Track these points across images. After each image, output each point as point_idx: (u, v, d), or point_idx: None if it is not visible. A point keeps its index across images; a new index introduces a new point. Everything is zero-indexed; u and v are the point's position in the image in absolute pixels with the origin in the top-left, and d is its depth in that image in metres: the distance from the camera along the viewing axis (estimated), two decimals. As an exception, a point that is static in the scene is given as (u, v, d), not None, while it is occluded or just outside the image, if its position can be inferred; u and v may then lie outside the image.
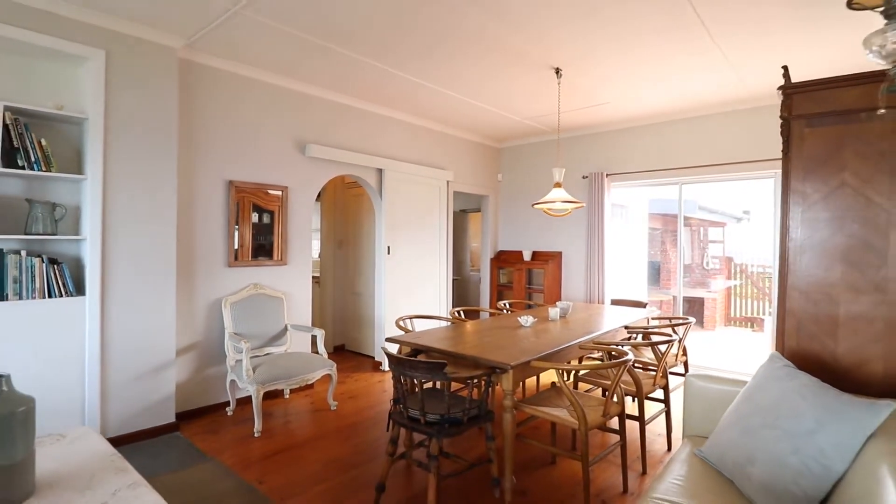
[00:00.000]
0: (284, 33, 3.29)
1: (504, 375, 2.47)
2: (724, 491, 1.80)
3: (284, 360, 3.68)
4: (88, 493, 1.15)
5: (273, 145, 4.19)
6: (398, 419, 2.46)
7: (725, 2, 2.82)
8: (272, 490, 2.63)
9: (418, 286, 5.57)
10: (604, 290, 5.66)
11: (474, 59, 3.73)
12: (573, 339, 3.05)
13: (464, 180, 6.34)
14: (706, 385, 2.32)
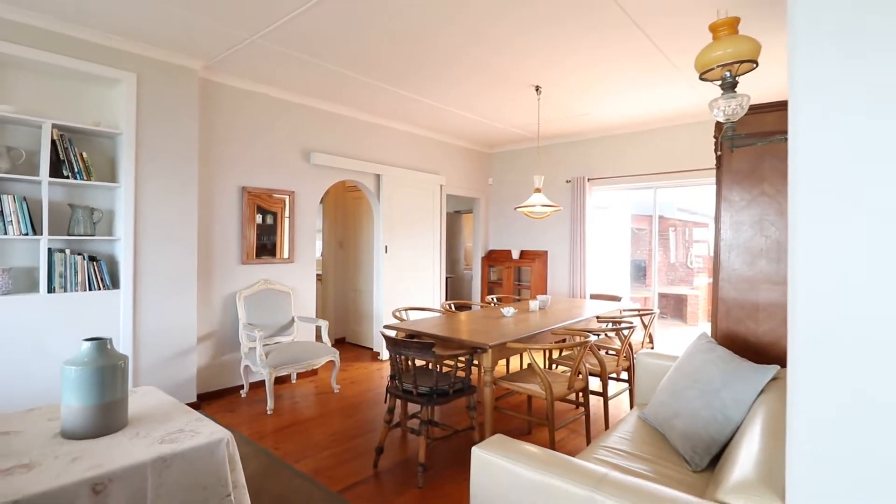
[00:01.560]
0: (294, 58, 3.72)
1: (484, 354, 2.92)
2: (656, 441, 2.24)
3: (293, 348, 4.11)
4: (168, 423, 1.58)
5: (282, 154, 4.63)
6: (394, 392, 2.90)
7: (676, 32, 3.26)
8: (286, 454, 3.06)
9: (414, 283, 6.01)
10: (585, 286, 6.11)
11: (465, 78, 4.17)
12: (546, 326, 3.50)
13: (456, 184, 6.78)
14: (652, 361, 2.77)
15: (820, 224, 0.95)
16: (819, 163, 0.95)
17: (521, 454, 1.42)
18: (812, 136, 0.96)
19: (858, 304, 0.90)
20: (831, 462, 0.94)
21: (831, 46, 0.94)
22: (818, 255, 0.95)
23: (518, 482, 1.37)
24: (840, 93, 0.93)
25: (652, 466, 2.00)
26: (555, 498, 1.29)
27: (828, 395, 0.94)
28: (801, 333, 0.98)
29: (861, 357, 0.90)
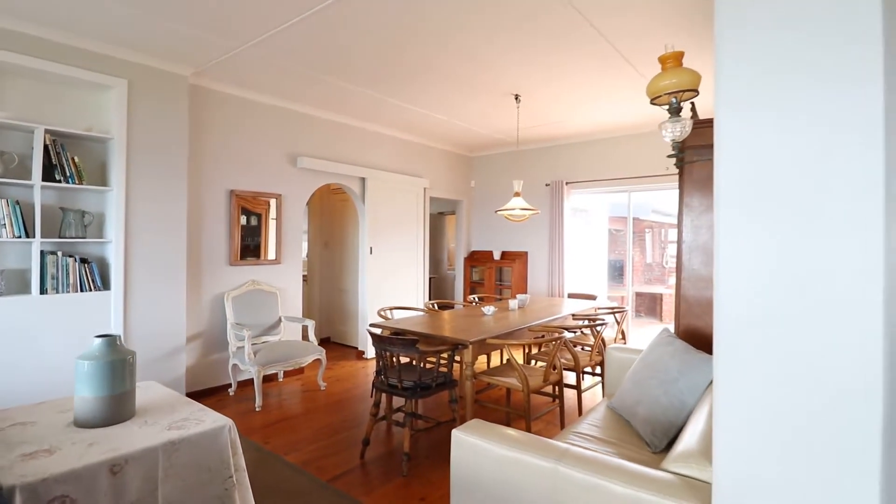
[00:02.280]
0: (282, 66, 3.86)
1: (465, 350, 3.10)
2: (621, 427, 2.45)
3: (280, 346, 4.24)
4: (174, 413, 1.72)
5: (269, 158, 4.74)
6: (380, 386, 3.07)
7: (645, 49, 3.49)
8: (276, 447, 3.20)
9: (398, 283, 6.16)
10: (563, 286, 6.35)
11: (449, 88, 4.35)
12: (524, 323, 3.70)
13: (440, 187, 6.96)
14: (621, 355, 2.98)
15: (734, 236, 1.15)
16: (732, 179, 1.16)
17: (495, 434, 1.61)
18: (726, 154, 1.16)
19: (763, 300, 1.11)
20: (747, 426, 1.14)
21: (743, 77, 1.14)
22: (733, 260, 1.15)
23: (492, 458, 1.56)
24: (747, 118, 1.13)
25: (616, 449, 2.21)
26: (524, 470, 1.48)
27: (741, 371, 1.14)
28: (722, 323, 1.18)
29: (768, 340, 1.11)
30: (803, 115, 1.07)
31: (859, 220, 1.02)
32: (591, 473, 1.37)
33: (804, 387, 1.06)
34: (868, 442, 1.00)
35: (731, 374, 1.16)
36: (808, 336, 1.06)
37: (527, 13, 2.97)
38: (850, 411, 1.01)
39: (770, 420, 1.11)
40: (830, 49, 1.04)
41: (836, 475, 1.02)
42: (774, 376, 1.10)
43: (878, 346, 1.00)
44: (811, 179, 1.07)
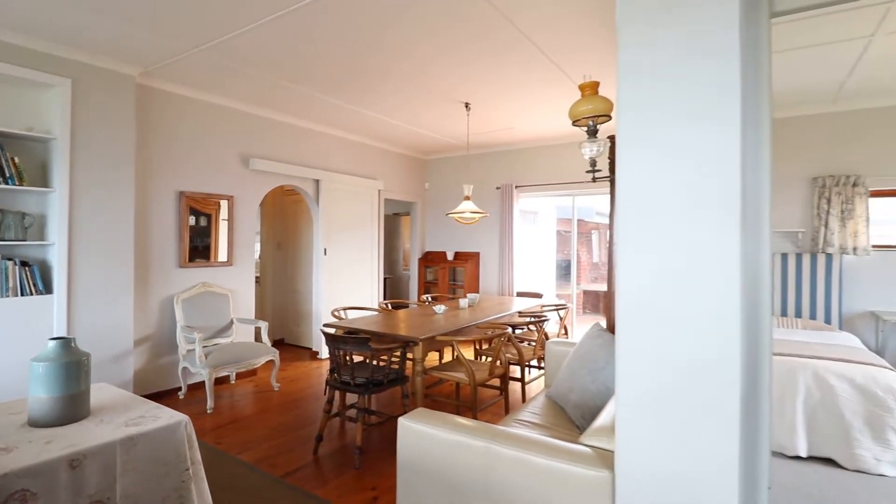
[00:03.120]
0: (235, 69, 3.88)
1: (415, 347, 3.27)
2: (557, 413, 2.69)
3: (232, 348, 4.25)
4: (130, 411, 1.79)
5: (221, 159, 4.72)
6: (333, 384, 3.18)
7: (583, 64, 3.78)
8: (230, 447, 3.25)
9: (352, 284, 6.25)
10: (513, 284, 6.64)
11: (404, 95, 4.50)
12: (473, 321, 3.91)
13: (394, 188, 7.09)
14: (559, 348, 3.24)
15: (628, 243, 1.38)
16: (627, 197, 1.39)
17: (437, 420, 1.78)
18: (623, 178, 1.39)
19: (648, 294, 1.34)
20: (638, 397, 1.37)
21: (635, 120, 1.37)
22: (628, 263, 1.38)
23: (434, 442, 1.73)
24: (638, 151, 1.37)
25: (550, 432, 2.44)
26: (462, 450, 1.66)
27: (633, 353, 1.37)
28: (620, 314, 1.41)
29: (651, 326, 1.34)
30: (679, 149, 1.31)
31: (722, 231, 1.27)
32: (518, 449, 1.57)
33: (679, 361, 1.31)
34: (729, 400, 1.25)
35: (625, 355, 1.40)
36: (682, 321, 1.30)
37: (476, 30, 3.17)
38: (716, 378, 1.26)
39: (654, 388, 1.34)
40: (702, 97, 1.29)
41: (706, 426, 1.27)
42: (655, 355, 1.34)
43: (735, 328, 1.25)
44: (686, 199, 1.31)
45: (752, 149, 1.36)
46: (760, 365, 1.34)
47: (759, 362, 1.34)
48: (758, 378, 1.34)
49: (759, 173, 1.35)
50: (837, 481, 2.82)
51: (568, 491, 1.47)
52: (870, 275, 4.63)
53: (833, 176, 4.71)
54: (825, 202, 4.72)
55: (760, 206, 1.34)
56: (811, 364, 3.16)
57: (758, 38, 1.35)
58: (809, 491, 2.72)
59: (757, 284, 1.34)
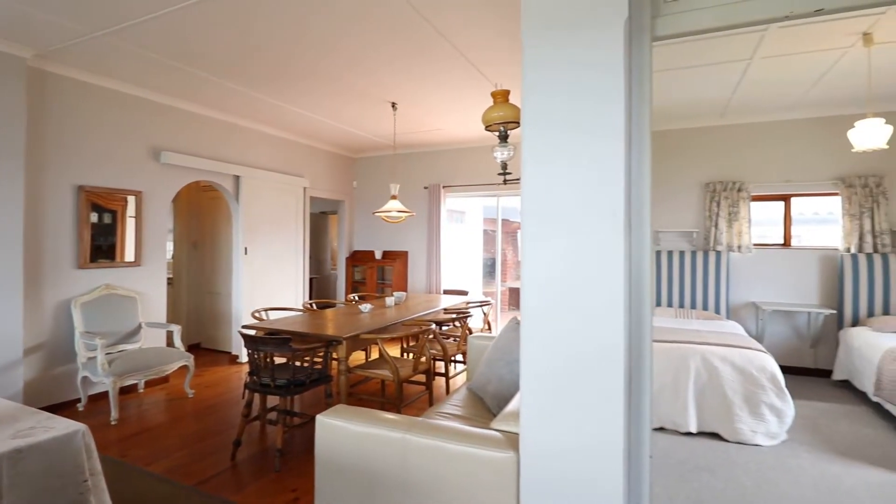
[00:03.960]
0: (144, 56, 3.64)
1: (339, 346, 3.26)
2: (476, 404, 2.81)
3: (140, 355, 3.98)
4: (18, 423, 1.64)
5: (127, 151, 4.39)
6: (252, 387, 3.09)
7: (502, 69, 3.95)
8: (137, 459, 3.05)
9: (276, 284, 6.05)
10: (440, 283, 6.76)
11: (329, 92, 4.44)
12: (399, 318, 3.96)
13: (321, 186, 6.95)
14: (479, 342, 3.38)
15: (531, 242, 1.51)
16: (531, 202, 1.51)
17: (355, 415, 1.81)
18: (527, 185, 1.51)
19: (546, 292, 1.47)
20: (538, 380, 1.49)
21: (540, 131, 1.49)
22: (530, 264, 1.51)
23: (352, 436, 1.76)
24: (539, 160, 1.49)
25: (469, 422, 2.54)
26: (378, 442, 1.71)
27: (534, 341, 1.50)
28: (524, 306, 1.53)
29: (550, 320, 1.47)
30: (573, 158, 1.45)
31: (609, 233, 1.42)
32: (432, 438, 1.64)
33: (572, 348, 1.44)
34: (615, 382, 1.40)
35: (527, 344, 1.51)
36: (575, 313, 1.44)
37: (395, 29, 3.22)
38: (604, 362, 1.41)
39: (552, 373, 1.47)
40: (592, 111, 1.43)
41: (595, 405, 1.42)
42: (553, 343, 1.47)
43: (620, 319, 1.40)
44: (578, 203, 1.45)
45: (636, 158, 1.53)
46: (643, 351, 1.51)
47: (641, 349, 1.51)
48: (640, 362, 1.51)
49: (641, 180, 1.53)
50: (721, 452, 3.19)
51: (479, 473, 1.56)
52: (751, 270, 5.25)
53: (722, 182, 5.28)
54: (715, 205, 5.28)
55: (642, 210, 1.51)
56: (700, 349, 3.54)
57: (641, 60, 1.52)
58: (697, 462, 3.05)
59: (640, 280, 1.51)
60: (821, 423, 3.70)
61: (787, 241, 5.33)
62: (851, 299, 4.72)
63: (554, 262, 1.48)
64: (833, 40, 3.30)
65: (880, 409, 3.89)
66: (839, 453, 3.14)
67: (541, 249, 1.50)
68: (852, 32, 3.16)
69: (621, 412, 1.40)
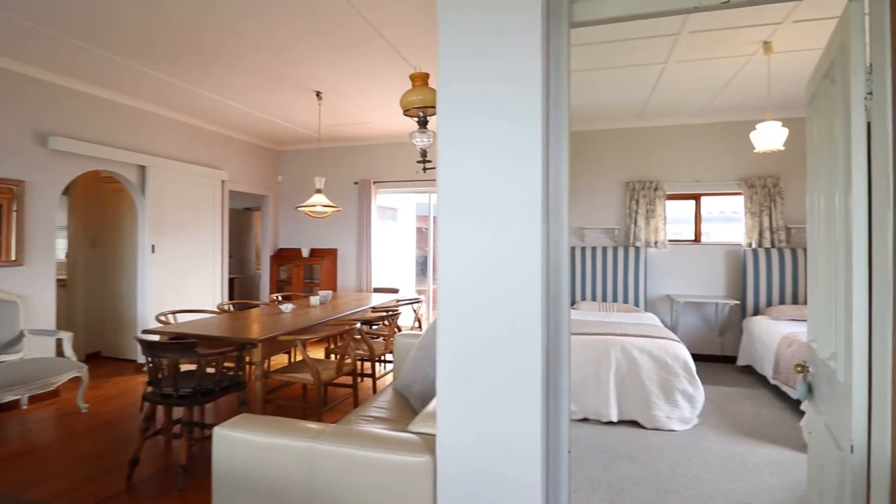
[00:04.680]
0: (29, 28, 3.17)
1: (254, 350, 3.02)
2: (402, 405, 2.70)
3: (20, 366, 3.49)
4: None
5: (5, 136, 3.83)
6: (153, 398, 2.78)
7: (420, 47, 3.86)
8: (13, 485, 2.64)
9: (189, 285, 5.59)
10: (371, 281, 6.58)
11: (245, 76, 4.13)
12: (323, 318, 3.76)
13: (242, 180, 6.52)
14: (405, 340, 3.27)
15: (444, 238, 1.42)
16: (445, 191, 1.42)
17: (258, 424, 1.64)
18: (443, 170, 1.43)
19: (463, 284, 1.39)
20: (455, 376, 1.41)
21: (457, 119, 1.41)
22: (447, 256, 1.42)
23: (254, 449, 1.59)
24: (455, 147, 1.41)
25: (392, 425, 2.43)
26: (284, 453, 1.55)
27: (451, 335, 1.41)
28: (441, 298, 1.44)
29: (468, 312, 1.39)
30: (490, 147, 1.38)
31: (528, 220, 1.36)
32: (343, 445, 1.51)
33: (487, 341, 1.38)
34: (533, 375, 1.34)
35: (443, 338, 1.43)
36: (493, 306, 1.37)
37: (318, 15, 3.03)
38: (521, 355, 1.35)
39: (468, 367, 1.39)
40: (508, 99, 1.37)
41: (513, 400, 1.35)
42: (469, 336, 1.40)
43: (537, 311, 1.35)
44: (495, 194, 1.38)
45: (554, 145, 1.49)
46: (560, 346, 1.47)
47: (559, 343, 1.47)
48: (558, 357, 1.47)
49: (559, 167, 1.49)
50: (640, 439, 3.31)
51: (393, 480, 1.45)
52: (666, 265, 5.55)
53: (640, 181, 5.54)
54: (634, 203, 5.53)
55: (560, 198, 1.47)
56: (621, 341, 3.65)
57: (559, 45, 1.48)
58: (618, 450, 3.13)
59: (557, 272, 1.47)
60: (727, 406, 3.95)
61: (697, 238, 5.69)
62: (753, 290, 5.11)
63: (470, 254, 1.41)
64: (737, 48, 3.52)
65: (778, 392, 4.24)
66: (744, 434, 3.36)
67: (457, 241, 1.42)
68: (754, 41, 3.38)
69: (538, 408, 1.35)
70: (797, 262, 5.00)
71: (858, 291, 1.30)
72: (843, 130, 1.40)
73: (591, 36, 3.37)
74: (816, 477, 1.75)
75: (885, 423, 1.21)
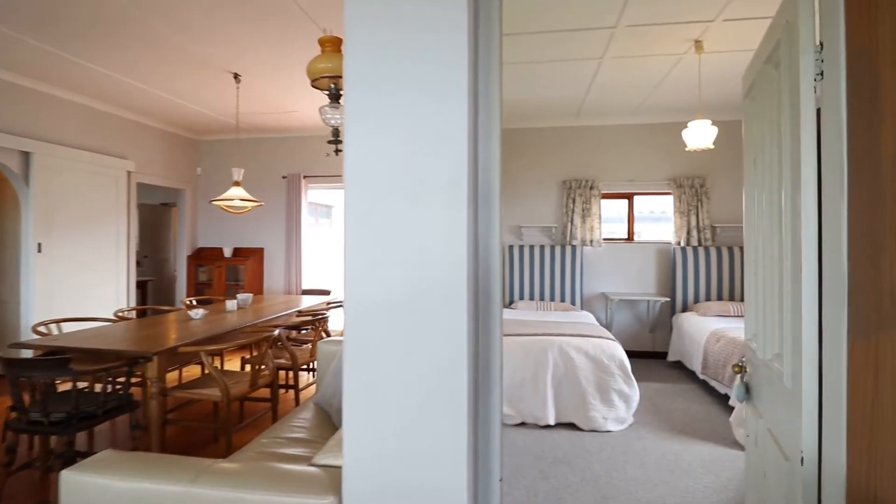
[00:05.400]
0: None
1: (148, 364, 2.60)
2: (323, 422, 2.41)
3: None
4: None
5: None
6: (16, 426, 2.31)
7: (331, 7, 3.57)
8: None
9: (86, 289, 4.93)
10: (300, 282, 6.16)
11: (153, 54, 3.62)
12: (240, 324, 3.37)
13: (154, 172, 5.87)
14: (329, 348, 2.97)
15: (357, 225, 1.17)
16: (355, 175, 1.18)
17: (121, 464, 1.31)
18: (351, 152, 1.18)
19: (381, 283, 1.16)
20: (367, 393, 1.17)
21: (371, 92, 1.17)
22: (357, 249, 1.17)
23: (113, 498, 1.26)
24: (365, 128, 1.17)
25: (310, 446, 2.13)
26: (151, 501, 1.24)
27: (359, 343, 1.17)
28: (349, 302, 1.19)
29: (382, 319, 1.16)
30: (407, 127, 1.15)
31: (451, 209, 1.14)
32: (227, 488, 1.22)
33: (398, 350, 1.14)
34: (458, 389, 1.13)
35: (352, 348, 1.18)
36: (410, 309, 1.14)
37: (222, -21, 2.66)
38: (443, 366, 1.13)
39: (381, 383, 1.16)
40: (429, 73, 1.14)
41: (433, 417, 1.13)
42: (381, 344, 1.16)
43: (462, 314, 1.13)
44: (412, 183, 1.15)
45: (483, 126, 1.28)
46: (492, 355, 1.27)
47: (490, 352, 1.27)
48: (489, 367, 1.26)
49: (490, 153, 1.28)
50: (577, 443, 3.21)
51: (290, 528, 1.18)
52: (601, 263, 5.59)
53: (577, 180, 5.54)
54: (571, 202, 5.52)
55: (490, 182, 1.26)
56: (558, 341, 3.55)
57: (489, 15, 1.27)
58: (556, 456, 3.01)
59: (489, 267, 1.27)
60: (660, 403, 3.98)
61: (630, 237, 5.78)
62: (682, 288, 5.24)
63: (383, 247, 1.17)
64: (670, 46, 3.52)
65: (707, 386, 4.33)
66: (677, 431, 3.36)
67: (367, 233, 1.18)
68: (686, 39, 3.39)
69: (464, 423, 1.13)
70: (722, 259, 5.18)
71: (808, 291, 1.19)
72: (788, 118, 1.30)
73: (528, 24, 3.23)
74: (757, 484, 1.67)
75: (838, 434, 1.10)
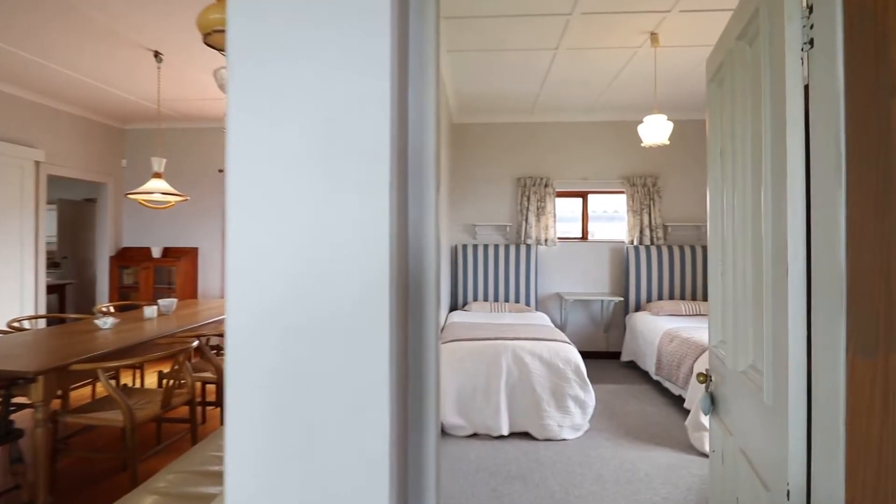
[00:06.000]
0: None
1: (32, 386, 2.18)
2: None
3: None
4: None
5: None
6: None
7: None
8: None
9: (-17, 294, 4.31)
10: (239, 285, 5.70)
11: (63, 26, 3.13)
12: (158, 334, 2.97)
13: (68, 163, 5.25)
14: (259, 360, 2.64)
15: (241, 218, 0.89)
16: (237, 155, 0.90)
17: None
18: (235, 129, 0.90)
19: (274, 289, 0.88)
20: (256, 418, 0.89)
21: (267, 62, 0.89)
22: (242, 248, 0.90)
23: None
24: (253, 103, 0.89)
25: (221, 483, 1.82)
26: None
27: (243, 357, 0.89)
28: (232, 310, 0.91)
29: (275, 333, 0.88)
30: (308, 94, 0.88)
31: (368, 197, 0.88)
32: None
33: (305, 368, 0.88)
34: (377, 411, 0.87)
35: (235, 374, 0.90)
36: (316, 318, 0.88)
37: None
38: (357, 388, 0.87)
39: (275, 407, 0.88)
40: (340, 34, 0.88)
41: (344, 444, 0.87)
42: (276, 368, 0.89)
43: (384, 323, 0.88)
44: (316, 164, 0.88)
45: (414, 101, 1.02)
46: (426, 373, 1.02)
47: (423, 368, 1.02)
48: (421, 393, 1.01)
49: (423, 132, 1.02)
50: (532, 454, 3.03)
51: None
52: (556, 262, 5.48)
53: (532, 177, 5.40)
54: (526, 200, 5.38)
55: (424, 164, 1.01)
56: (512, 345, 3.36)
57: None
58: (510, 470, 2.81)
59: (420, 266, 1.02)
60: (615, 405, 3.87)
61: (584, 236, 5.71)
62: (635, 287, 5.21)
63: (276, 245, 0.88)
64: (626, 38, 3.41)
65: (660, 387, 4.28)
66: (633, 437, 3.24)
67: (256, 227, 0.89)
68: (642, 31, 3.28)
69: (385, 454, 0.88)
70: (674, 259, 5.19)
71: (795, 297, 1.01)
72: (769, 97, 1.13)
73: (480, 7, 3.01)
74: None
75: (833, 465, 0.92)
